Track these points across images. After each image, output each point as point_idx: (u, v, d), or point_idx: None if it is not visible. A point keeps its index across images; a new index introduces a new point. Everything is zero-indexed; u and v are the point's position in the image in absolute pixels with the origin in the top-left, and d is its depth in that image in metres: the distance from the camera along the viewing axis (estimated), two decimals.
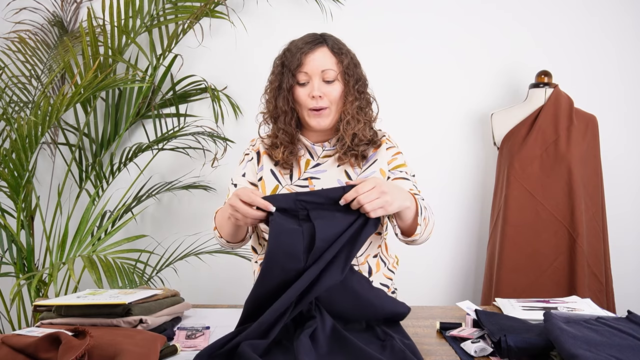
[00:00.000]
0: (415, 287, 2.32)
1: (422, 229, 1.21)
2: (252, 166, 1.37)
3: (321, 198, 1.07)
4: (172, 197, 2.38)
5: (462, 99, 2.34)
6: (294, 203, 1.06)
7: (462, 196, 2.37)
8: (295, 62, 1.26)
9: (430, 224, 1.26)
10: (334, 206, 1.06)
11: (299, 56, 1.26)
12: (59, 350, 0.78)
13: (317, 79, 1.27)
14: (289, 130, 1.31)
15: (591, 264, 2.01)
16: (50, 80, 2.08)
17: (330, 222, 1.04)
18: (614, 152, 2.29)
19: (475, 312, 1.02)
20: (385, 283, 1.35)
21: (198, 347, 0.94)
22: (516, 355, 0.85)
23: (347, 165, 1.33)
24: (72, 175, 2.24)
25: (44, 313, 1.03)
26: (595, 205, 2.06)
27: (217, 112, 2.27)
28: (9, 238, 1.91)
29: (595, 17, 2.31)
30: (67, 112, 2.14)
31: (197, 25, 2.18)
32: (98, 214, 1.98)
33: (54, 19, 2.33)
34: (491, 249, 2.14)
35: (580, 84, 2.29)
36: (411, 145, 2.18)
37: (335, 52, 1.29)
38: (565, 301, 1.18)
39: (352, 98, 1.30)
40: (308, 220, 1.05)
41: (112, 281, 1.58)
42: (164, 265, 2.11)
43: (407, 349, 0.90)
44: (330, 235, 1.02)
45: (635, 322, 0.92)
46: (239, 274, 2.22)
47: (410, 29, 2.33)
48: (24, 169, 1.77)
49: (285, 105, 1.29)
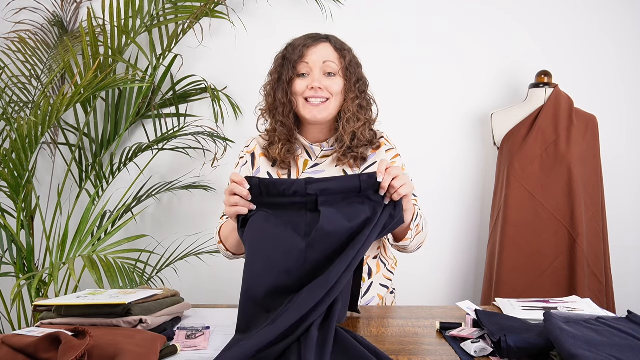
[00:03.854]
0: (415, 287, 2.32)
1: (413, 235, 1.21)
2: (247, 170, 1.36)
3: (334, 185, 1.02)
4: (172, 197, 2.38)
5: (462, 99, 2.34)
6: (303, 188, 1.01)
7: (462, 196, 2.37)
8: (297, 54, 1.26)
9: (422, 233, 1.25)
10: (348, 194, 1.02)
11: (301, 48, 1.26)
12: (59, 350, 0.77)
13: (318, 71, 1.27)
14: (287, 124, 1.30)
15: (591, 264, 2.01)
16: (50, 80, 2.08)
17: (343, 209, 1.00)
18: (614, 152, 2.29)
19: (475, 312, 1.02)
20: (385, 284, 1.36)
21: (198, 347, 0.94)
22: (516, 355, 0.85)
23: (345, 166, 1.33)
24: (72, 175, 2.24)
25: (44, 313, 1.03)
26: (595, 205, 2.06)
27: (217, 112, 2.27)
28: (9, 238, 1.91)
29: (595, 17, 2.31)
30: (67, 112, 2.14)
31: (197, 25, 2.18)
32: (98, 214, 1.98)
33: (54, 19, 2.33)
34: (491, 249, 2.14)
35: (580, 84, 2.29)
36: (411, 146, 2.18)
37: (337, 48, 1.29)
38: (565, 301, 1.18)
39: (353, 96, 1.29)
40: (315, 210, 1.01)
41: (113, 281, 1.57)
42: (164, 265, 2.11)
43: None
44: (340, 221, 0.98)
45: (635, 322, 0.92)
46: (239, 274, 2.20)
47: (410, 29, 2.33)
48: (24, 169, 1.77)
49: (284, 97, 1.28)
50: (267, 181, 1.03)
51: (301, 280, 0.96)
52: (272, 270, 0.97)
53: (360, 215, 1.00)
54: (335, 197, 1.02)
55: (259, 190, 1.04)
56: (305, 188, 1.01)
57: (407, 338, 1.01)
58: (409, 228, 1.19)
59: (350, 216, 0.99)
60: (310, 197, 1.01)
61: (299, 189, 1.01)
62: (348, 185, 1.02)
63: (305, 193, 1.01)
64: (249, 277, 0.99)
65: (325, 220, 0.98)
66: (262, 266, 0.98)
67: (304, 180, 1.02)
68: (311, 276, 0.96)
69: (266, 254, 0.98)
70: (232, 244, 1.29)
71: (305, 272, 0.96)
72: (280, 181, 1.03)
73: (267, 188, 1.03)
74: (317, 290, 0.90)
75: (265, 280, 0.97)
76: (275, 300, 0.96)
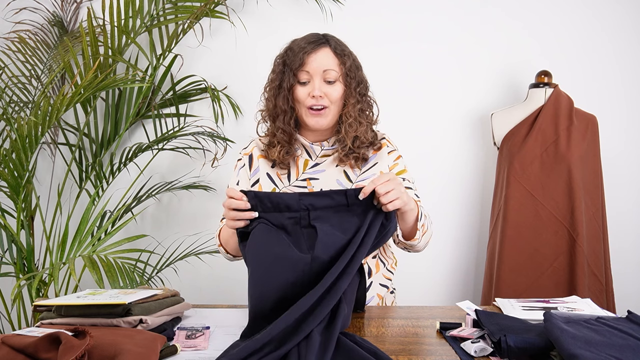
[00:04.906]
0: (415, 287, 2.32)
1: (420, 235, 1.22)
2: (245, 173, 1.37)
3: (325, 200, 1.06)
4: (172, 197, 2.38)
5: (462, 99, 2.34)
6: (297, 202, 1.05)
7: (462, 196, 2.37)
8: (297, 62, 1.26)
9: (428, 232, 1.27)
10: (338, 209, 1.05)
11: (301, 55, 1.26)
12: (59, 350, 0.77)
13: (318, 79, 1.27)
14: (288, 130, 1.31)
15: (591, 264, 2.01)
16: (50, 80, 2.08)
17: (336, 225, 1.03)
18: (614, 152, 2.29)
19: (475, 312, 1.02)
20: (385, 284, 1.35)
21: (198, 347, 0.94)
22: (516, 355, 0.85)
23: (346, 167, 1.33)
24: (72, 175, 2.24)
25: (44, 313, 1.03)
26: (595, 205, 2.06)
27: (217, 112, 2.27)
28: (9, 238, 1.91)
29: (595, 17, 2.31)
30: (67, 112, 2.14)
31: (197, 25, 2.18)
32: (98, 214, 1.98)
33: (54, 19, 2.33)
34: (491, 249, 2.14)
35: (580, 84, 2.29)
36: (411, 146, 2.18)
37: (337, 53, 1.29)
38: (565, 301, 1.18)
39: (354, 100, 1.29)
40: (309, 226, 1.05)
41: (113, 281, 1.57)
42: (164, 265, 2.11)
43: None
44: (336, 234, 1.01)
45: (635, 322, 0.92)
46: (239, 274, 2.22)
47: (410, 29, 2.33)
48: (24, 169, 1.77)
49: (285, 104, 1.29)
50: (263, 194, 1.06)
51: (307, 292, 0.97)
52: (278, 283, 0.97)
53: (352, 228, 1.04)
54: (327, 211, 1.06)
55: (255, 202, 1.07)
56: (299, 199, 1.05)
57: (407, 338, 1.01)
58: (417, 228, 1.20)
59: (344, 229, 1.03)
60: (303, 212, 1.05)
61: (292, 203, 1.05)
62: (336, 200, 1.06)
63: (298, 207, 1.05)
64: (253, 289, 0.99)
65: (323, 233, 1.01)
66: (267, 279, 0.98)
67: (297, 195, 1.06)
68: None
69: (271, 267, 0.99)
70: (232, 247, 1.29)
71: (310, 283, 0.97)
72: (275, 194, 1.07)
73: (263, 200, 1.06)
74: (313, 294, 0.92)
75: (271, 294, 0.97)
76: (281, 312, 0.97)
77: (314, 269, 0.98)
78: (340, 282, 0.95)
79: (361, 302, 1.14)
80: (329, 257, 0.98)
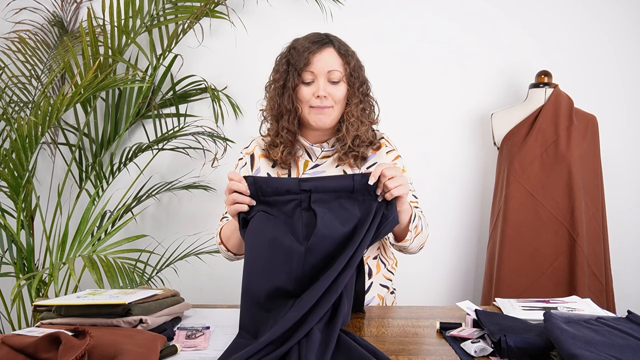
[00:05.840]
0: (415, 287, 2.32)
1: (412, 236, 1.22)
2: (246, 172, 1.37)
3: (330, 182, 1.04)
4: (172, 197, 2.38)
5: (462, 99, 2.34)
6: (297, 186, 1.04)
7: (462, 196, 2.37)
8: (302, 62, 1.26)
9: (422, 234, 1.26)
10: (340, 194, 1.04)
11: (306, 55, 1.26)
12: (59, 350, 0.77)
13: (323, 79, 1.27)
14: (292, 129, 1.31)
15: (591, 264, 2.01)
16: (50, 80, 2.08)
17: (336, 211, 1.02)
18: (614, 152, 2.29)
19: (475, 312, 1.02)
20: (385, 284, 1.36)
21: (198, 347, 0.94)
22: (516, 355, 0.85)
23: (346, 166, 1.33)
24: (72, 175, 2.24)
25: (44, 313, 1.03)
26: (595, 205, 2.06)
27: (217, 112, 2.27)
28: (9, 238, 1.91)
29: (595, 17, 2.31)
30: (67, 112, 2.14)
31: (197, 25, 2.18)
32: (98, 214, 1.98)
33: (54, 19, 2.33)
34: (491, 249, 2.14)
35: (580, 84, 2.29)
36: (411, 145, 2.18)
37: (341, 53, 1.29)
38: (565, 301, 1.18)
39: (356, 100, 1.30)
40: (309, 208, 1.03)
41: (113, 281, 1.57)
42: (164, 265, 2.11)
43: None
44: (335, 224, 1.00)
45: (635, 322, 0.92)
46: (239, 274, 2.21)
47: (410, 29, 2.33)
48: (24, 169, 1.77)
49: (290, 104, 1.29)
50: (262, 179, 1.06)
51: (300, 282, 0.98)
52: (272, 271, 0.98)
53: (353, 219, 1.02)
54: (329, 195, 1.04)
55: (254, 188, 1.06)
56: (299, 185, 1.04)
57: (407, 338, 1.01)
58: (408, 229, 1.19)
59: (343, 220, 1.02)
60: (304, 194, 1.04)
61: (293, 187, 1.04)
62: (341, 183, 1.04)
63: (298, 190, 1.04)
64: (248, 276, 1.00)
65: (322, 224, 0.99)
66: (261, 267, 0.99)
67: (297, 179, 1.05)
68: (310, 278, 0.98)
69: (265, 255, 0.99)
70: (233, 245, 1.29)
71: (304, 274, 0.98)
72: (274, 179, 1.06)
73: (262, 186, 1.05)
74: (315, 290, 0.92)
75: (265, 281, 0.98)
76: (275, 301, 0.98)
77: (308, 260, 0.98)
78: (341, 276, 0.95)
79: (360, 297, 1.13)
80: (324, 249, 0.98)
